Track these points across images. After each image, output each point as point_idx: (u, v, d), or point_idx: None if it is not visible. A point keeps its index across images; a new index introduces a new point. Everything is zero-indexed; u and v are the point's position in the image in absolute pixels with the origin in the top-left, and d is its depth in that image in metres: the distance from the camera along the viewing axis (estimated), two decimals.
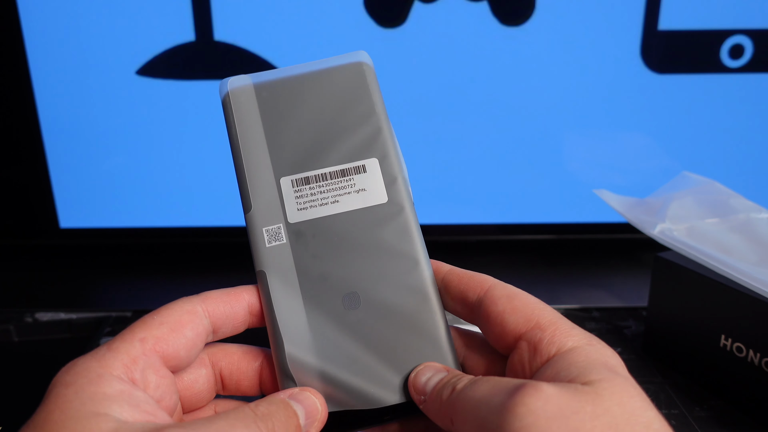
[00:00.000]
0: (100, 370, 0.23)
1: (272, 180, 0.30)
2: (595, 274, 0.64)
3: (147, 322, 0.26)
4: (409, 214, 0.30)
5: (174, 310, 0.26)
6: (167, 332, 0.26)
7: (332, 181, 0.30)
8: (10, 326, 0.55)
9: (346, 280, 0.29)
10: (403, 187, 0.30)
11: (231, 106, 0.31)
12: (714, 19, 0.59)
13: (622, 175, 0.65)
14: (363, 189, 0.30)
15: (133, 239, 0.67)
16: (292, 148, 0.30)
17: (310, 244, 0.29)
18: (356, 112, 0.31)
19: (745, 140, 0.63)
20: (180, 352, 0.26)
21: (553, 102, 0.62)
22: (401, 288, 0.28)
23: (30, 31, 0.60)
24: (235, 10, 0.59)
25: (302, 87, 0.31)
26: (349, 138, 0.30)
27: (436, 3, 0.59)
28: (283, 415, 0.24)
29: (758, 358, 0.40)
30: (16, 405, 0.46)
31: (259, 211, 0.29)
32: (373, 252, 0.29)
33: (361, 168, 0.30)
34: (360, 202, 0.30)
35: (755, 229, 0.46)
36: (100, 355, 0.24)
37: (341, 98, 0.31)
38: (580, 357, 0.23)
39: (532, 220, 0.66)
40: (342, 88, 0.32)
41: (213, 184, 0.65)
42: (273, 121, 0.31)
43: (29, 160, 0.64)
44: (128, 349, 0.24)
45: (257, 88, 0.31)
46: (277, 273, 0.29)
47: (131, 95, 0.62)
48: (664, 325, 0.47)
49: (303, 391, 0.26)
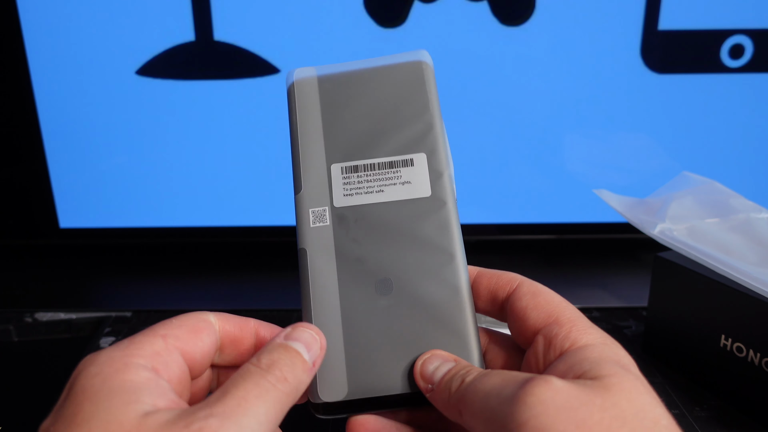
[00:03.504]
0: (126, 359, 0.23)
1: (324, 166, 0.32)
2: (595, 274, 0.64)
3: (166, 323, 0.26)
4: (450, 210, 0.31)
5: (191, 316, 0.27)
6: (186, 333, 0.26)
7: (380, 171, 0.31)
8: (10, 326, 0.55)
9: (382, 266, 0.30)
10: (447, 184, 0.32)
11: (295, 95, 0.33)
12: (714, 19, 0.59)
13: (622, 175, 0.65)
14: (408, 182, 0.31)
15: (133, 239, 0.67)
16: (346, 138, 0.32)
17: (352, 228, 0.30)
18: (411, 108, 0.32)
19: (745, 140, 0.63)
20: (196, 355, 0.26)
21: (553, 102, 0.62)
22: (435, 280, 0.29)
23: (30, 31, 0.60)
24: (235, 10, 0.59)
25: (362, 81, 0.33)
26: (402, 132, 0.32)
27: (436, 3, 0.59)
28: (287, 358, 0.25)
29: (758, 358, 0.40)
30: (16, 405, 0.46)
31: (308, 193, 0.31)
32: (411, 242, 0.30)
33: (409, 161, 0.32)
34: (404, 193, 0.31)
35: (755, 229, 0.46)
36: (123, 346, 0.24)
37: (399, 94, 0.33)
38: (593, 353, 0.24)
39: (532, 220, 0.66)
40: (400, 85, 0.33)
41: (213, 184, 0.65)
42: (331, 111, 0.33)
43: (29, 160, 0.64)
44: (151, 341, 0.25)
45: (320, 80, 0.33)
46: (318, 252, 0.30)
47: (131, 95, 0.62)
48: (664, 325, 0.47)
49: (295, 328, 0.27)
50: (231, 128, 0.63)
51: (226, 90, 0.62)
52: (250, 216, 0.66)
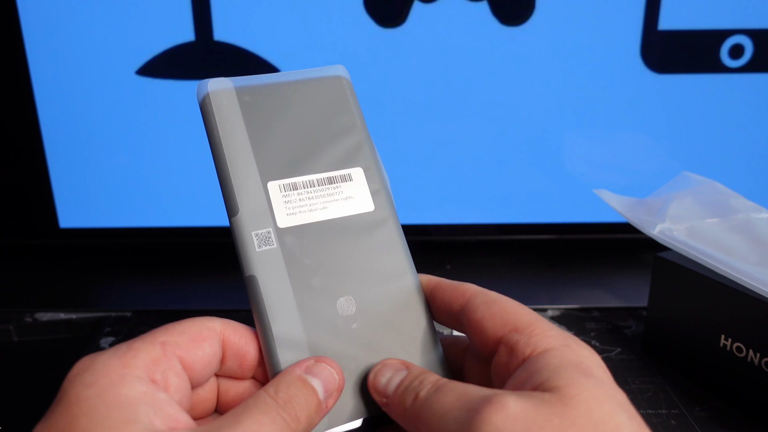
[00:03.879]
0: (122, 370, 0.23)
1: (259, 184, 0.29)
2: (595, 274, 0.64)
3: (167, 328, 0.25)
4: (394, 225, 0.30)
5: (194, 323, 0.26)
6: (187, 341, 0.25)
7: (320, 187, 0.30)
8: (10, 326, 0.55)
9: (341, 286, 0.28)
10: (386, 198, 0.30)
11: (212, 107, 0.31)
12: (714, 19, 0.59)
13: (622, 175, 0.65)
14: (350, 197, 0.30)
15: (133, 239, 0.67)
16: (278, 153, 0.30)
17: (302, 249, 0.29)
18: (338, 124, 0.31)
19: (745, 140, 0.63)
20: (197, 365, 0.25)
21: (553, 102, 0.62)
22: (390, 294, 0.29)
23: (30, 31, 0.60)
24: (234, 10, 0.59)
25: (284, 94, 0.32)
26: (333, 147, 0.31)
27: (436, 3, 0.59)
28: (303, 396, 0.24)
29: (758, 358, 0.40)
30: (16, 405, 0.46)
31: (248, 215, 0.29)
32: (363, 258, 0.29)
33: (347, 176, 0.30)
34: (348, 209, 0.30)
35: (755, 229, 0.46)
36: (120, 353, 0.23)
37: (323, 109, 0.32)
38: (553, 359, 0.23)
39: (532, 220, 0.66)
40: (323, 99, 0.32)
41: (213, 184, 0.65)
42: (257, 125, 0.30)
43: (29, 160, 0.64)
44: (149, 349, 0.24)
45: (239, 92, 0.31)
46: (270, 277, 0.28)
47: (131, 95, 0.62)
48: (664, 325, 0.47)
49: (318, 362, 0.26)
50: None
51: None
52: None
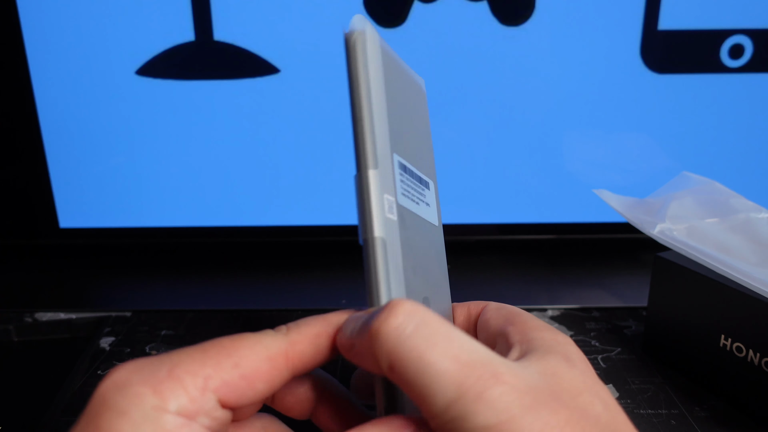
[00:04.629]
0: (156, 402, 0.21)
1: (389, 149, 0.25)
2: (595, 274, 0.64)
3: (221, 357, 0.22)
4: (443, 243, 0.31)
5: (254, 351, 0.22)
6: (238, 379, 0.22)
7: (417, 182, 0.28)
8: (9, 326, 0.55)
9: (426, 283, 0.27)
10: (440, 216, 0.31)
11: (366, 46, 0.26)
12: (714, 19, 0.59)
13: (622, 175, 0.65)
14: (428, 204, 0.29)
15: (133, 239, 0.67)
16: (400, 127, 0.26)
17: (409, 233, 0.26)
18: (424, 131, 0.30)
19: (745, 140, 0.63)
20: (243, 401, 0.22)
21: (553, 102, 0.62)
22: (443, 304, 0.30)
23: (30, 31, 0.60)
24: (235, 10, 0.59)
25: (403, 74, 0.29)
26: (426, 150, 0.29)
27: (436, 3, 0.59)
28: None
29: (758, 358, 0.40)
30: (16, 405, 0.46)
31: (382, 175, 0.24)
32: (437, 267, 0.30)
33: (428, 184, 0.29)
34: (426, 214, 0.28)
35: (755, 229, 0.46)
36: (157, 380, 0.21)
37: (419, 107, 0.30)
38: (540, 347, 0.25)
39: (532, 220, 0.66)
40: (418, 98, 0.30)
41: (213, 184, 0.65)
42: (390, 87, 0.26)
43: (29, 160, 0.64)
44: (189, 384, 0.21)
45: (382, 45, 0.27)
46: (394, 248, 0.24)
47: (131, 95, 0.62)
48: (664, 325, 0.47)
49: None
50: (231, 128, 0.63)
51: (226, 90, 0.62)
52: (251, 216, 0.66)
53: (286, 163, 0.64)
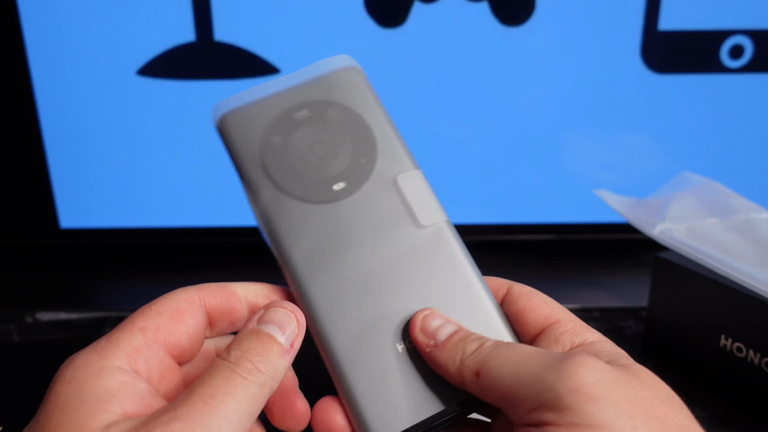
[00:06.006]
0: (101, 363, 0.22)
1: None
2: (595, 274, 0.64)
3: (145, 312, 0.25)
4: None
5: (171, 299, 0.26)
6: (167, 321, 0.25)
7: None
8: (10, 326, 0.55)
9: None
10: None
11: (365, 79, 0.31)
12: (714, 19, 0.59)
13: (622, 175, 0.65)
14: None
15: (134, 239, 0.67)
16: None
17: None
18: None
19: (745, 140, 0.63)
20: (183, 341, 0.25)
21: (553, 102, 0.62)
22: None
23: (30, 31, 0.60)
24: (235, 10, 0.60)
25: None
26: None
27: (436, 3, 0.59)
28: (259, 345, 0.23)
29: (758, 358, 0.40)
30: (17, 405, 0.46)
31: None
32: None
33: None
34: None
35: (755, 229, 0.46)
36: (100, 347, 0.23)
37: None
38: (604, 348, 0.24)
39: (532, 220, 0.66)
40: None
41: (213, 184, 0.65)
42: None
43: (29, 159, 0.64)
44: (129, 339, 0.24)
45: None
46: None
47: (131, 95, 0.62)
48: (664, 325, 0.47)
49: (267, 309, 0.25)
50: None
51: (226, 90, 0.62)
52: (251, 216, 0.66)
53: None
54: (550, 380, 0.21)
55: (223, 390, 0.21)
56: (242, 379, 0.22)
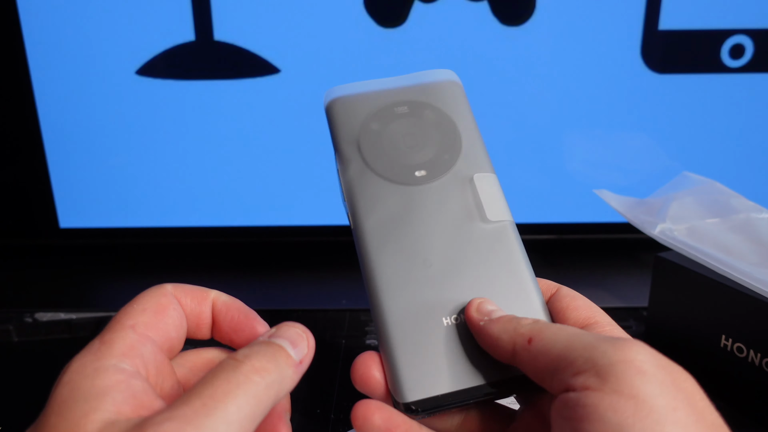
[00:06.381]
0: (97, 363, 0.23)
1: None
2: (595, 274, 0.64)
3: (129, 310, 0.25)
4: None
5: (150, 295, 0.26)
6: (153, 316, 0.25)
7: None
8: (9, 326, 0.55)
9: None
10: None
11: (463, 92, 0.35)
12: (714, 19, 0.59)
13: (622, 175, 0.65)
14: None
15: (134, 239, 0.67)
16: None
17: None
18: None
19: (745, 140, 0.63)
20: (171, 333, 0.26)
21: (553, 102, 0.62)
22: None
23: (30, 31, 0.60)
24: (235, 10, 0.59)
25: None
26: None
27: (436, 3, 0.59)
28: (268, 350, 0.23)
29: (759, 358, 0.40)
30: (16, 405, 0.46)
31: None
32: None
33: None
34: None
35: (755, 229, 0.46)
36: (94, 348, 0.23)
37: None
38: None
39: (532, 220, 0.66)
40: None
41: (213, 184, 0.65)
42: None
43: (29, 160, 0.64)
44: (122, 337, 0.24)
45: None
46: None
47: (131, 95, 0.62)
48: (665, 325, 0.47)
49: (280, 326, 0.26)
50: (231, 128, 0.63)
51: (226, 90, 0.62)
52: (251, 216, 0.66)
53: (287, 163, 0.64)
54: (604, 348, 0.22)
55: (223, 389, 0.21)
56: (246, 379, 0.22)
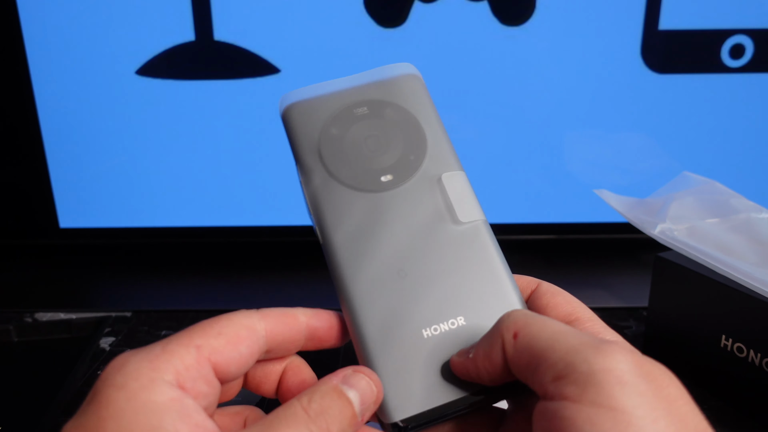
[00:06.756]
0: (153, 374, 0.22)
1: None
2: (595, 274, 0.64)
3: (205, 329, 0.25)
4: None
5: (233, 322, 0.25)
6: (224, 344, 0.24)
7: None
8: (9, 326, 0.55)
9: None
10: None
11: (424, 85, 0.33)
12: (714, 19, 0.59)
13: (622, 175, 0.65)
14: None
15: (134, 239, 0.67)
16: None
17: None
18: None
19: (745, 140, 0.63)
20: (231, 368, 0.25)
21: (554, 102, 0.62)
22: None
23: (30, 31, 0.60)
24: (235, 10, 0.59)
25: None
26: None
27: (436, 3, 0.59)
28: (337, 408, 0.24)
29: (759, 358, 0.40)
30: (16, 405, 0.46)
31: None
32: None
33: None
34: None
35: (755, 229, 0.46)
36: (153, 355, 0.23)
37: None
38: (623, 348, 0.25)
39: (532, 220, 0.66)
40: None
41: (213, 183, 0.65)
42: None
43: (29, 160, 0.64)
44: (183, 354, 0.23)
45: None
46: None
47: (131, 95, 0.62)
48: (665, 325, 0.47)
49: (356, 372, 0.25)
50: (231, 128, 0.63)
51: (226, 90, 0.62)
52: (250, 216, 0.66)
53: (287, 163, 0.64)
54: (585, 354, 0.22)
55: None
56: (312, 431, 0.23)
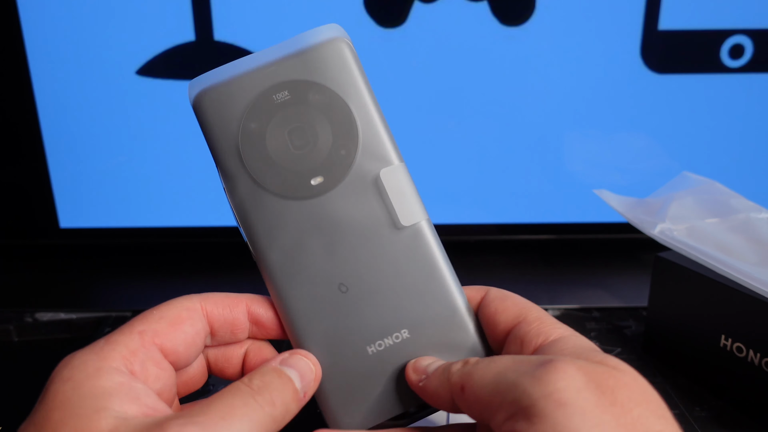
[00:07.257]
0: (99, 363, 0.23)
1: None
2: (595, 274, 0.64)
3: (146, 316, 0.26)
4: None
5: (173, 306, 0.26)
6: (166, 327, 0.26)
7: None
8: (10, 326, 0.55)
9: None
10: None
11: (352, 51, 0.28)
12: (714, 19, 0.59)
13: (622, 175, 0.65)
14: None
15: (134, 239, 0.67)
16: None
17: None
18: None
19: (745, 140, 0.63)
20: (179, 348, 0.26)
21: (553, 102, 0.62)
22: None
23: (30, 31, 0.60)
24: (235, 10, 0.59)
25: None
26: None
27: (436, 3, 0.59)
28: (278, 383, 0.25)
29: (758, 358, 0.40)
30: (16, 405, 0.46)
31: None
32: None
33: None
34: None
35: (755, 229, 0.46)
36: (98, 348, 0.24)
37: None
38: (569, 344, 0.24)
39: (532, 220, 0.66)
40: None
41: (213, 184, 0.65)
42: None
43: (29, 160, 0.64)
44: (127, 341, 0.24)
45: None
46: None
47: (131, 95, 0.62)
48: (664, 325, 0.47)
49: (293, 354, 0.26)
50: None
51: None
52: None
53: None
54: (524, 386, 0.22)
55: (240, 411, 0.23)
56: (259, 407, 0.23)
